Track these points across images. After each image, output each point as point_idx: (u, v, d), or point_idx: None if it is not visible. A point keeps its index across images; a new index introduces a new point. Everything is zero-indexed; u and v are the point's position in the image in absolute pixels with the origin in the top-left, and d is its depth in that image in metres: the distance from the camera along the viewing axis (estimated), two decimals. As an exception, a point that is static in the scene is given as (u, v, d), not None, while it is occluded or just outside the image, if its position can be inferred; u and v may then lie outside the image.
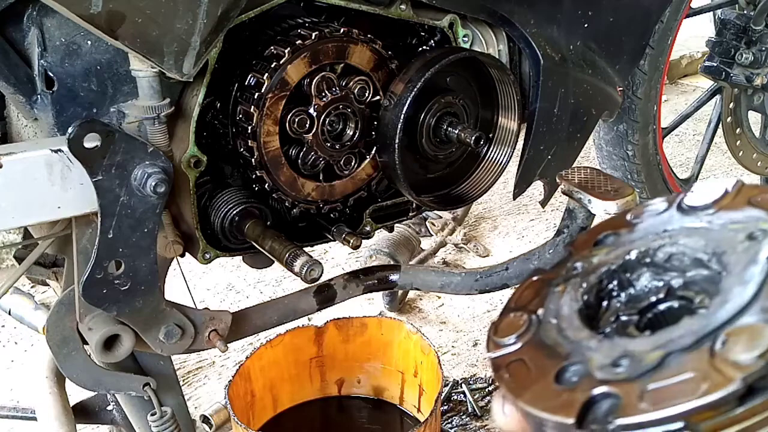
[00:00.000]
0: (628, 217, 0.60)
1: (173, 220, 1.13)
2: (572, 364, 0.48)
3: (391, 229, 1.40)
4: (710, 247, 0.52)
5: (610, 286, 0.56)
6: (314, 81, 1.11)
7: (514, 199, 1.44)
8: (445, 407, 1.71)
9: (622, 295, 0.56)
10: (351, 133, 1.18)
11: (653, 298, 0.55)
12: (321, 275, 1.11)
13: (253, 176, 1.13)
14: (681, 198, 0.57)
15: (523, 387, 0.49)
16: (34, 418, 1.39)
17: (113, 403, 1.37)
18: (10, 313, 1.45)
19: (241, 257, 1.27)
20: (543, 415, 0.46)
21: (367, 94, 1.17)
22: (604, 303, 0.56)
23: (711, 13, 2.10)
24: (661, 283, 0.55)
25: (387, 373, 1.60)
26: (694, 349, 0.44)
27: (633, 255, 0.56)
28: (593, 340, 0.49)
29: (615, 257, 0.57)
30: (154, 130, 1.01)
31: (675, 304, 0.54)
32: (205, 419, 1.65)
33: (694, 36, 3.48)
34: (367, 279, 1.36)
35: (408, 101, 1.15)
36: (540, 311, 0.55)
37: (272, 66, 1.07)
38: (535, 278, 0.61)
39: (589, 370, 0.47)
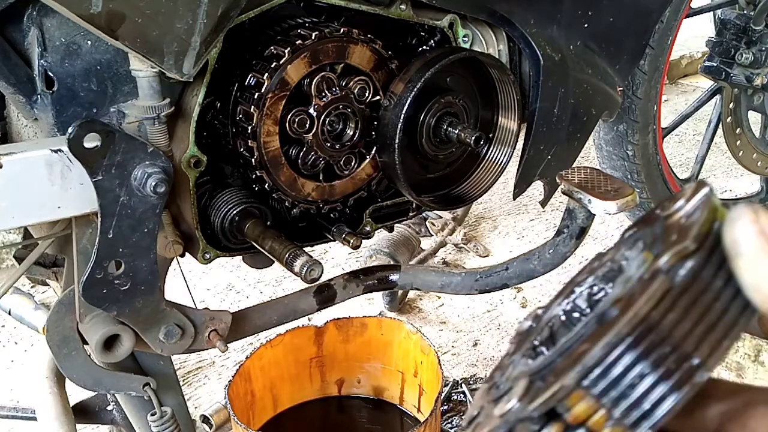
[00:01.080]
0: (657, 211, 0.56)
1: (173, 220, 1.13)
2: (500, 377, 0.47)
3: (391, 229, 1.40)
4: (624, 271, 0.48)
5: (600, 294, 0.52)
6: (314, 81, 1.11)
7: (514, 199, 1.44)
8: (445, 407, 1.71)
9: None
10: (351, 133, 1.18)
11: None
12: (321, 275, 1.11)
13: (253, 176, 1.13)
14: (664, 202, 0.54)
15: (484, 389, 0.48)
16: (34, 418, 1.39)
17: (113, 403, 1.37)
18: (10, 313, 1.45)
19: (241, 257, 1.27)
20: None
21: (367, 94, 1.17)
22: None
23: (711, 13, 2.10)
24: None
25: (387, 373, 1.60)
26: (514, 387, 0.42)
27: (614, 264, 0.52)
28: (523, 356, 0.47)
29: (603, 262, 0.53)
30: (154, 130, 1.01)
31: None
32: (205, 419, 1.65)
33: (694, 36, 3.48)
34: (367, 279, 1.36)
35: (408, 101, 1.15)
36: (540, 311, 0.54)
37: (272, 66, 1.07)
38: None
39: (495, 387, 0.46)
